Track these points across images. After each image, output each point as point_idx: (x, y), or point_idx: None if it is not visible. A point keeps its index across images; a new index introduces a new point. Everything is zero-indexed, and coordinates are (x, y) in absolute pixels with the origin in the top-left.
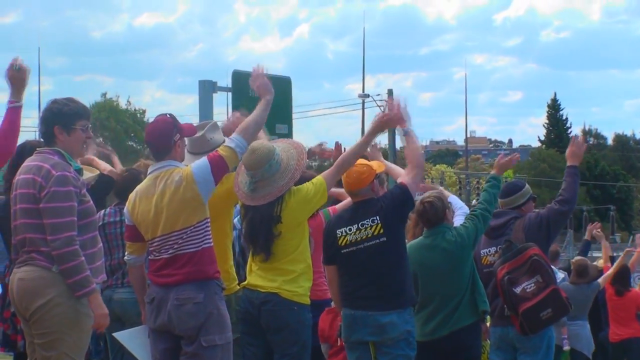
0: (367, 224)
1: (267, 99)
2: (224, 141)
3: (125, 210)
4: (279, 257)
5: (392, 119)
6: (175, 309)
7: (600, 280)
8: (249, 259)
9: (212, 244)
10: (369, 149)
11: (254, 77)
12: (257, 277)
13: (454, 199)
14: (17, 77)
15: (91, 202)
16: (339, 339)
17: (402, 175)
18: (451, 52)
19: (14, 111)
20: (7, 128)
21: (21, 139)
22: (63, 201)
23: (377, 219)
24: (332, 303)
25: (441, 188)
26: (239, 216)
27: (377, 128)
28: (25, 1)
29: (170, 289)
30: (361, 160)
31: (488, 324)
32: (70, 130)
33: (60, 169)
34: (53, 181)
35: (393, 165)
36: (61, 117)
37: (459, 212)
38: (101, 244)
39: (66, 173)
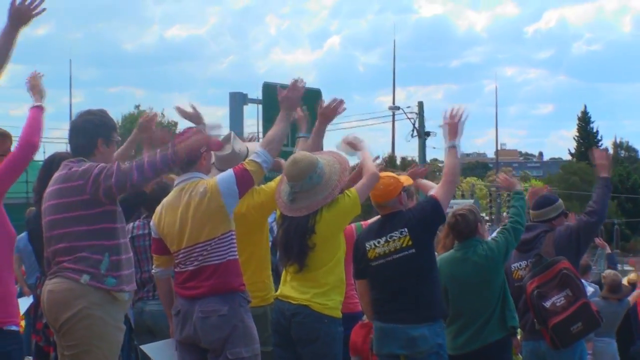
0: (396, 236)
1: (287, 113)
2: (247, 149)
3: (151, 223)
4: (312, 268)
5: (450, 125)
6: (200, 322)
7: (630, 298)
8: (284, 270)
9: (237, 256)
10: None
11: (290, 88)
12: (290, 288)
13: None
14: (33, 85)
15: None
16: (371, 353)
17: (435, 188)
18: (482, 65)
19: (34, 109)
20: (28, 123)
21: (51, 150)
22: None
23: (405, 231)
24: (364, 317)
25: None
26: (274, 222)
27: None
28: (58, 14)
29: (195, 302)
30: (389, 173)
31: (519, 337)
32: (110, 143)
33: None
34: (98, 166)
35: (425, 181)
36: (104, 129)
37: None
38: (131, 254)
39: None
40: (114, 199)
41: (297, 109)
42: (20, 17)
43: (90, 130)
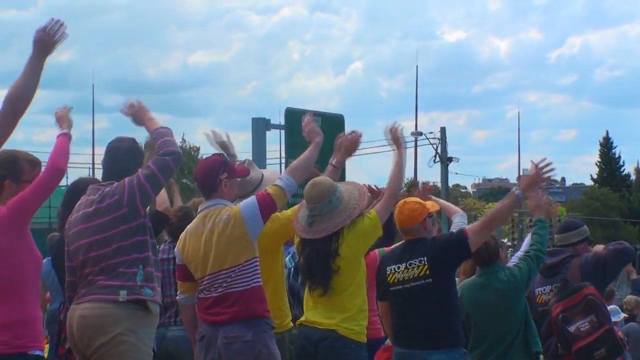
0: (415, 264)
1: (316, 142)
2: (262, 176)
3: (176, 249)
4: (338, 291)
5: (531, 177)
6: (224, 347)
7: None
8: (306, 294)
9: (261, 283)
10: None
11: (304, 124)
12: (315, 314)
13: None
14: (61, 115)
15: None
16: None
17: (472, 226)
18: (504, 90)
19: (61, 136)
20: (55, 148)
21: (75, 175)
22: None
23: (424, 260)
24: (387, 341)
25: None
26: (289, 256)
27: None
28: (81, 40)
29: (219, 328)
30: (414, 198)
31: None
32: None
33: None
34: (126, 179)
35: (446, 203)
36: (141, 156)
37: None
38: (159, 272)
39: None
40: (149, 200)
41: (318, 136)
42: (44, 46)
43: (132, 154)
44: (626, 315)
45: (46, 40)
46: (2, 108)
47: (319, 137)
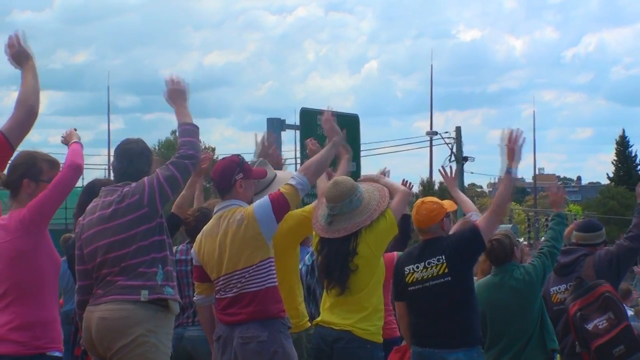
0: (433, 263)
1: (334, 141)
2: (275, 175)
3: (192, 250)
4: (355, 291)
5: (509, 149)
6: (240, 348)
7: None
8: (324, 293)
9: (276, 283)
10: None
11: (324, 121)
12: (331, 314)
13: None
14: (68, 135)
15: None
16: None
17: (481, 217)
18: (520, 89)
19: (74, 143)
20: (71, 151)
21: (90, 176)
22: None
23: (442, 258)
24: (403, 341)
25: (465, 198)
26: (308, 254)
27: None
28: (96, 41)
29: (235, 328)
30: (432, 198)
31: None
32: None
33: None
34: (145, 178)
35: (464, 197)
36: (150, 156)
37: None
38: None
39: None
40: (168, 201)
41: (336, 135)
42: (20, 58)
43: (146, 156)
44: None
45: (18, 51)
46: (18, 108)
47: (337, 137)
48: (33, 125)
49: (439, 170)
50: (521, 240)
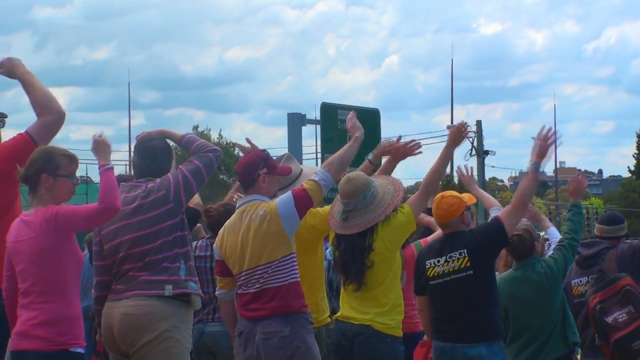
0: (455, 257)
1: (356, 137)
2: (301, 170)
3: (214, 245)
4: (371, 287)
5: (540, 146)
6: (262, 343)
7: None
8: (342, 289)
9: (298, 278)
10: (465, 175)
11: (348, 119)
12: (350, 309)
13: (552, 231)
14: (99, 146)
15: None
16: None
17: (503, 210)
18: (541, 83)
19: (106, 172)
20: (104, 186)
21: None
22: None
23: (464, 252)
24: (424, 336)
25: (544, 217)
26: (328, 249)
27: (457, 141)
28: (117, 37)
29: (257, 323)
30: (451, 192)
31: (579, 356)
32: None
33: None
34: (170, 174)
35: (484, 193)
36: (172, 156)
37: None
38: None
39: None
40: (192, 196)
41: (358, 131)
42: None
43: (168, 153)
44: None
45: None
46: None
47: (359, 132)
48: (60, 128)
49: (456, 171)
50: (542, 234)
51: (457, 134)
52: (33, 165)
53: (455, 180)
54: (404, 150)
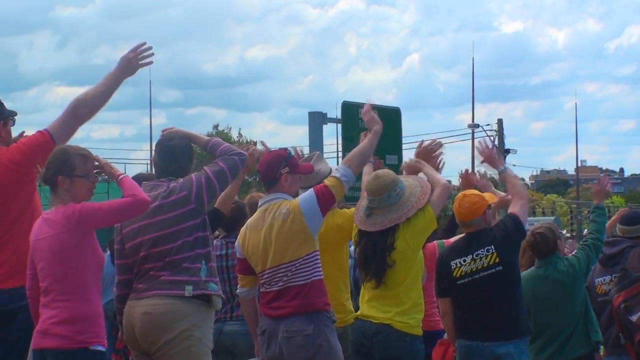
0: (482, 254)
1: (375, 130)
2: (330, 170)
3: (236, 243)
4: (392, 285)
5: (486, 157)
6: (285, 341)
7: None
8: (362, 287)
9: (322, 276)
10: (479, 179)
11: (363, 112)
12: (370, 308)
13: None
14: (105, 167)
15: None
16: None
17: (510, 206)
18: (562, 81)
19: (124, 179)
20: (127, 186)
21: (133, 171)
22: None
23: (492, 249)
24: (445, 335)
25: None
26: (353, 246)
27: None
28: (138, 36)
29: (280, 321)
30: (473, 191)
31: (602, 354)
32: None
33: None
34: (193, 175)
35: (503, 194)
36: (193, 155)
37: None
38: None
39: None
40: (215, 197)
41: (376, 124)
42: (127, 66)
43: (188, 153)
44: None
45: (131, 61)
46: (67, 110)
47: (378, 126)
48: (79, 127)
49: (460, 175)
50: (564, 232)
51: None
52: (50, 167)
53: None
54: (427, 152)
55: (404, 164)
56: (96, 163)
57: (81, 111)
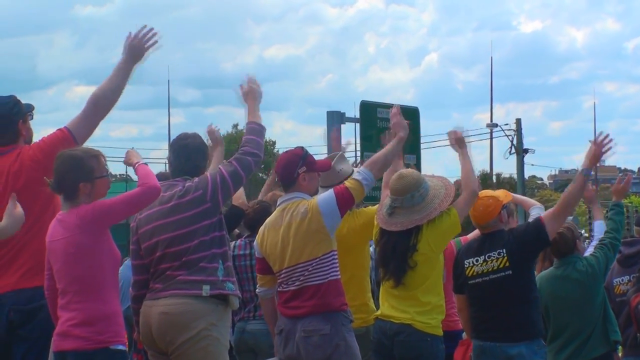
0: (494, 256)
1: (400, 136)
2: (352, 171)
3: (255, 243)
4: (412, 287)
5: (593, 151)
6: (302, 341)
7: None
8: (382, 286)
9: (339, 276)
10: None
11: (392, 115)
12: (390, 307)
13: (598, 225)
14: (129, 159)
15: None
16: None
17: (547, 212)
18: (581, 81)
19: (141, 165)
20: (142, 174)
21: (153, 170)
22: None
23: (503, 252)
24: (464, 334)
25: (599, 206)
26: (373, 246)
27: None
28: (157, 35)
29: (297, 321)
30: (487, 192)
31: (620, 354)
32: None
33: None
34: (208, 174)
35: (521, 197)
36: (207, 154)
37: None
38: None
39: None
40: (230, 197)
41: (402, 130)
42: (134, 52)
43: (202, 152)
44: None
45: (137, 46)
46: (86, 106)
47: (404, 132)
48: (99, 122)
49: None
50: (582, 232)
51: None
52: (67, 175)
53: (494, 178)
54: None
55: (451, 131)
56: (125, 158)
57: (100, 105)
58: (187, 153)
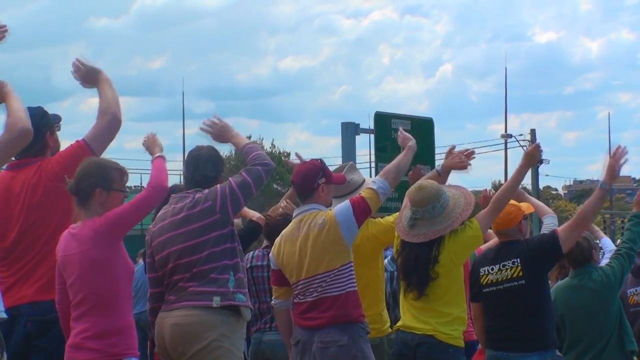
0: (508, 265)
1: (409, 146)
2: (363, 180)
3: (270, 254)
4: (433, 298)
5: (610, 164)
6: (319, 352)
7: None
8: (401, 299)
9: (356, 287)
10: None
11: (398, 137)
12: (412, 318)
13: (606, 242)
14: (149, 145)
15: None
16: None
17: (564, 225)
18: (595, 91)
19: (157, 159)
20: (156, 169)
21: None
22: None
23: (517, 261)
24: (479, 345)
25: (596, 227)
26: (388, 258)
27: (532, 162)
28: (171, 47)
29: (314, 332)
30: (510, 201)
31: None
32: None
33: None
34: (218, 186)
35: (539, 202)
36: (221, 165)
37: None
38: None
39: None
40: (240, 208)
41: (410, 140)
42: (88, 78)
43: (212, 162)
44: None
45: (88, 73)
46: (100, 116)
47: (412, 142)
48: (116, 133)
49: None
50: (597, 242)
51: (533, 155)
52: (87, 179)
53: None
54: (456, 164)
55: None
56: (145, 140)
57: (113, 109)
58: (195, 163)
